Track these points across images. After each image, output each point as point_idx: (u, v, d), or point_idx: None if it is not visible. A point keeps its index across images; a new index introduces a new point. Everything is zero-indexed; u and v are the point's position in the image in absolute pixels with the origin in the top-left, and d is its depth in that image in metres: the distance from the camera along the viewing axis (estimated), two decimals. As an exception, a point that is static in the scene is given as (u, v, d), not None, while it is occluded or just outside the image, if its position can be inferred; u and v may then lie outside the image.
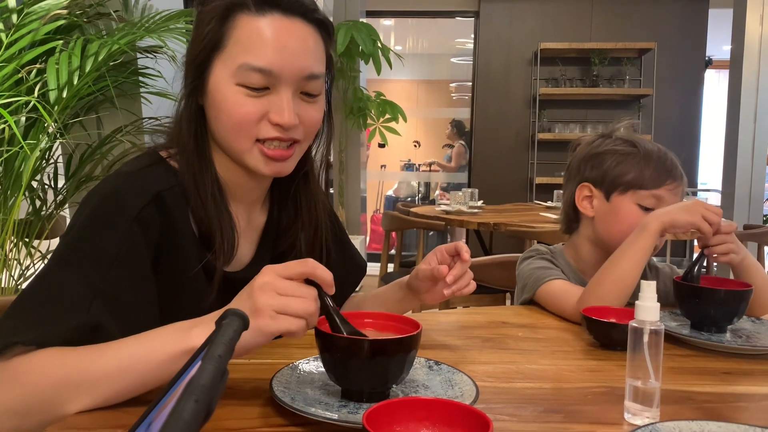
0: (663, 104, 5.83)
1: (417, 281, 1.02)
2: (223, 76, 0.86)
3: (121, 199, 0.82)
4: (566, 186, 1.36)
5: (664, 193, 1.22)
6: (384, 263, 3.38)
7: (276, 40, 0.84)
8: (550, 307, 1.21)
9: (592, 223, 1.29)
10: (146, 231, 0.82)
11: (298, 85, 0.87)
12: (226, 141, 0.89)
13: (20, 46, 1.90)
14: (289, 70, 0.85)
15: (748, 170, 4.44)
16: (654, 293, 0.73)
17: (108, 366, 0.68)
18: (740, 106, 4.42)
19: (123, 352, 0.69)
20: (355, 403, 0.70)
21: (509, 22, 6.02)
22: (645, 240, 1.11)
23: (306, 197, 1.02)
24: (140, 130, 2.27)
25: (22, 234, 2.19)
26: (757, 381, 0.86)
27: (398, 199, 7.83)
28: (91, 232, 0.80)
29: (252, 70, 0.84)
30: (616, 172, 1.25)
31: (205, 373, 0.36)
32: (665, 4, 5.83)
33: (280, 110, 0.85)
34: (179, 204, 0.87)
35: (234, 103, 0.85)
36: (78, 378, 0.68)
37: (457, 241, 1.01)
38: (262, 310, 0.66)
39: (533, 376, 0.86)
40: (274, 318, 0.67)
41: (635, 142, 1.28)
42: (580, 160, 1.33)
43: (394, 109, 5.01)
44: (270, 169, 0.90)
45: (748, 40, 4.39)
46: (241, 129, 0.87)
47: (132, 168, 0.88)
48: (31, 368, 0.69)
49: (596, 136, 1.34)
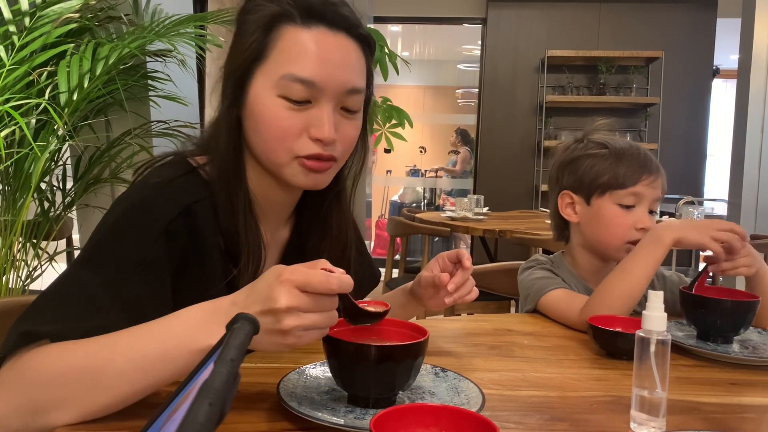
0: (670, 113, 5.83)
1: (420, 288, 1.02)
2: (265, 87, 0.85)
3: (150, 210, 0.82)
4: (550, 195, 1.37)
5: (642, 189, 1.22)
6: (389, 268, 3.38)
7: (320, 53, 0.84)
8: (553, 316, 1.21)
9: (580, 229, 1.30)
10: (172, 243, 0.82)
11: (339, 99, 0.86)
12: (264, 153, 0.88)
13: (32, 48, 1.92)
14: (332, 83, 0.84)
15: (755, 180, 4.42)
16: (661, 303, 0.73)
17: (125, 367, 0.67)
18: (747, 116, 4.41)
19: (137, 352, 0.68)
20: (361, 408, 0.71)
21: (516, 30, 6.03)
22: (657, 252, 1.11)
23: (338, 217, 1.01)
24: (149, 133, 2.28)
25: (30, 235, 2.20)
26: (763, 392, 0.86)
27: (403, 204, 7.83)
28: (117, 239, 0.80)
29: (295, 81, 0.83)
30: (591, 176, 1.25)
31: (218, 377, 0.37)
32: (673, 12, 5.83)
33: (320, 124, 0.84)
34: (208, 217, 0.87)
35: (274, 116, 0.84)
36: (89, 374, 0.67)
37: (460, 249, 1.01)
38: (288, 333, 0.65)
39: (539, 384, 0.86)
40: (301, 336, 0.66)
41: (606, 142, 1.28)
42: (557, 168, 1.33)
43: (400, 115, 5.02)
44: (309, 181, 0.88)
45: (756, 50, 4.38)
46: (280, 142, 0.85)
47: (163, 178, 0.86)
48: (37, 362, 0.68)
49: (571, 141, 1.34)
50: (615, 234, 1.23)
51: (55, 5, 2.01)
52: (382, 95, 5.21)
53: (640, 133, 5.90)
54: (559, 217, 1.33)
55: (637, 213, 1.23)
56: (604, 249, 1.26)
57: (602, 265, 1.28)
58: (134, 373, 0.67)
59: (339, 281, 0.65)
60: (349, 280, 0.66)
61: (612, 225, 1.23)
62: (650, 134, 5.86)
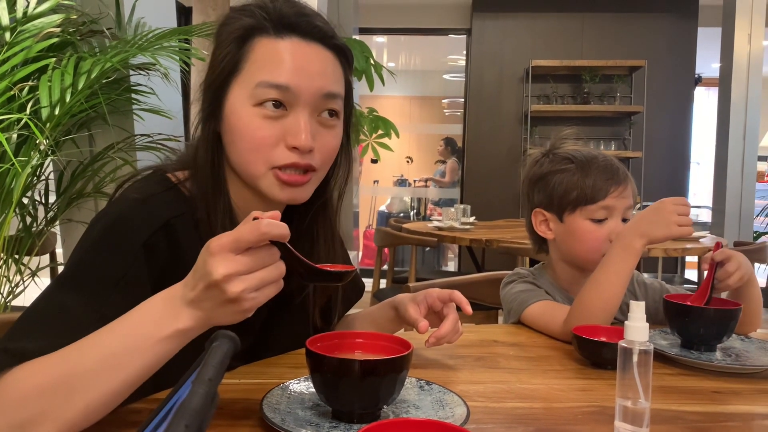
0: (653, 121, 5.89)
1: (404, 317, 1.01)
2: (240, 98, 0.85)
3: (129, 226, 0.81)
4: (523, 211, 1.37)
5: (612, 201, 1.22)
6: (376, 279, 3.37)
7: (295, 60, 0.84)
8: (537, 328, 1.21)
9: (556, 244, 1.30)
10: (152, 258, 0.81)
11: (315, 105, 0.86)
12: (241, 165, 0.88)
13: (13, 63, 1.90)
14: (307, 88, 0.84)
15: (738, 187, 4.48)
16: (643, 313, 0.73)
17: (94, 366, 0.65)
18: (729, 123, 4.47)
19: (103, 350, 0.66)
20: (345, 424, 0.70)
21: (501, 40, 6.08)
22: (629, 262, 1.11)
23: (324, 229, 1.00)
24: (132, 146, 2.27)
25: (12, 251, 2.18)
26: (746, 400, 0.87)
27: (390, 214, 7.83)
28: (96, 256, 0.79)
29: (269, 87, 0.83)
30: (560, 192, 1.25)
31: (195, 397, 0.37)
32: (655, 22, 5.91)
33: (297, 132, 0.84)
34: (189, 232, 0.86)
35: (250, 126, 0.84)
36: (62, 383, 0.65)
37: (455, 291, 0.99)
38: (239, 299, 0.63)
39: (524, 395, 0.86)
40: (255, 298, 0.64)
41: (572, 156, 1.27)
42: (527, 185, 1.33)
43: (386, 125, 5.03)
44: (285, 195, 0.88)
45: (736, 58, 4.45)
46: (256, 153, 0.85)
47: (142, 194, 0.86)
48: (16, 380, 0.67)
49: (539, 154, 1.34)
50: (591, 248, 1.23)
51: (37, 20, 2.00)
52: (369, 106, 5.22)
53: (624, 141, 5.96)
54: (535, 232, 1.33)
55: (610, 225, 1.23)
56: (582, 263, 1.26)
57: (582, 276, 1.28)
58: (105, 372, 0.65)
59: (268, 224, 0.62)
60: (281, 224, 0.63)
61: (586, 240, 1.23)
62: (634, 142, 5.91)
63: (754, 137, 4.47)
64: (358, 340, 0.81)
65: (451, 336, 0.95)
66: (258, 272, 0.63)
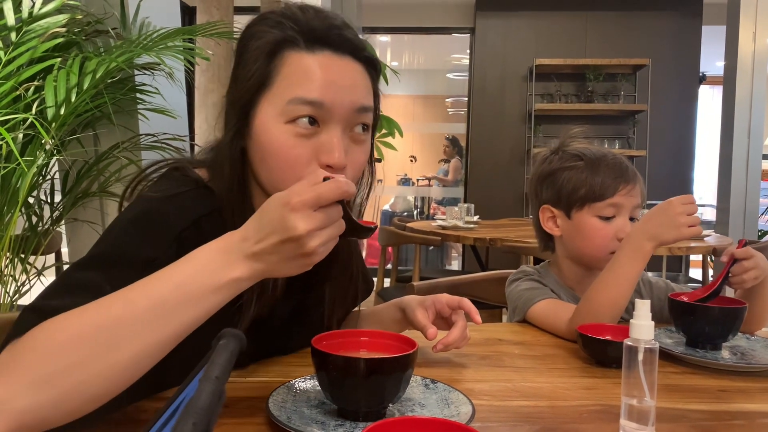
0: (658, 120, 5.88)
1: (412, 321, 1.01)
2: (271, 115, 0.82)
3: (164, 216, 0.80)
4: (531, 208, 1.37)
5: (620, 199, 1.22)
6: (380, 278, 3.38)
7: (327, 75, 0.82)
8: (542, 327, 1.22)
9: (563, 241, 1.30)
10: (182, 253, 0.80)
11: (348, 121, 0.84)
12: (271, 182, 0.85)
13: (18, 63, 1.91)
14: (340, 103, 0.82)
15: (742, 185, 4.46)
16: (648, 312, 0.73)
17: (144, 315, 0.62)
18: (734, 122, 4.45)
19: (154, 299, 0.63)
20: (351, 422, 0.71)
21: (504, 39, 6.07)
22: (638, 264, 1.10)
23: (344, 245, 0.97)
24: (137, 146, 2.27)
25: (18, 250, 2.18)
26: (752, 399, 0.87)
27: (394, 213, 7.83)
28: (127, 239, 0.77)
29: (303, 104, 0.80)
30: (569, 189, 1.25)
31: (202, 395, 0.37)
32: (659, 20, 5.89)
33: (330, 149, 0.82)
34: (216, 233, 0.86)
35: (283, 145, 0.82)
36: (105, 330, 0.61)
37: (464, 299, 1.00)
38: (313, 253, 0.65)
39: (529, 394, 0.86)
40: (322, 253, 0.66)
41: (581, 153, 1.27)
42: (536, 181, 1.33)
43: (390, 124, 5.03)
44: None
45: (741, 57, 4.43)
46: (289, 172, 0.82)
47: (171, 191, 0.84)
48: (47, 331, 0.63)
49: (548, 152, 1.34)
50: (598, 245, 1.23)
51: (42, 20, 2.00)
52: (372, 105, 5.22)
53: (628, 140, 5.95)
54: (542, 229, 1.33)
55: (618, 223, 1.23)
56: (588, 260, 1.27)
57: (588, 274, 1.29)
58: (156, 321, 0.63)
59: (347, 182, 0.65)
60: (352, 183, 0.66)
61: (594, 237, 1.23)
62: (638, 141, 5.90)
63: (758, 135, 4.45)
64: (363, 339, 0.81)
65: (459, 342, 0.96)
66: (328, 228, 0.66)
